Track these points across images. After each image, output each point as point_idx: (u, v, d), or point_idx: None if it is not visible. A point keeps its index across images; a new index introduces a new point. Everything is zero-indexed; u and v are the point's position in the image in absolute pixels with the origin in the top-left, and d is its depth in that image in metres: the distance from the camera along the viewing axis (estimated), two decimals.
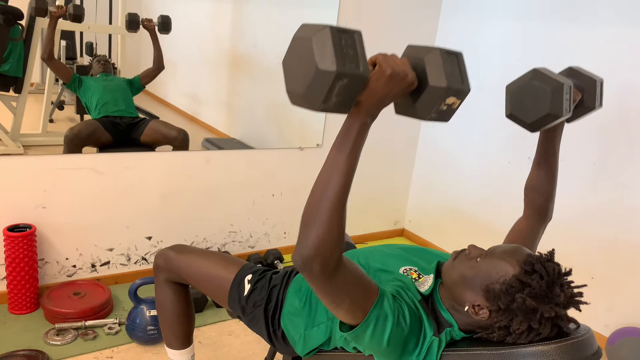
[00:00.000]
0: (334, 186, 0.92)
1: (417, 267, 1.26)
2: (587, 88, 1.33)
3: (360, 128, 0.93)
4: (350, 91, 0.84)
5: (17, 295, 2.21)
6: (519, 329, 1.04)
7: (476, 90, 3.01)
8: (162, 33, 2.60)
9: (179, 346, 1.64)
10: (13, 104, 2.38)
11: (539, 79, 1.21)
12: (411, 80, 0.91)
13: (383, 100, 0.91)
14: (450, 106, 0.94)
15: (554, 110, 1.19)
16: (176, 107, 2.92)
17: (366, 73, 0.84)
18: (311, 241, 0.92)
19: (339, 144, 0.94)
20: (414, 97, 0.93)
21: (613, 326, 2.38)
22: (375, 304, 1.04)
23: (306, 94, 0.83)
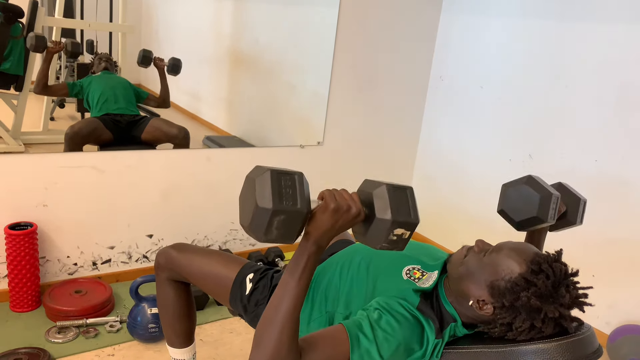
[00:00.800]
0: (285, 307, 0.98)
1: (420, 264, 1.26)
2: (572, 205, 1.48)
3: (308, 257, 0.98)
4: (290, 225, 0.92)
5: (19, 293, 2.21)
6: (522, 327, 1.04)
7: (477, 88, 3.01)
8: (170, 74, 2.68)
9: (181, 344, 1.64)
10: (14, 102, 2.38)
11: (533, 185, 1.36)
12: (355, 214, 0.96)
13: (329, 231, 0.96)
14: (400, 236, 0.99)
15: (540, 214, 1.33)
16: (177, 104, 2.92)
17: (303, 208, 0.92)
18: (265, 357, 0.97)
19: (290, 268, 1.00)
20: (365, 227, 1.00)
21: (614, 324, 2.38)
22: (352, 350, 1.03)
23: (250, 227, 0.92)
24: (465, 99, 3.08)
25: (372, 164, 3.25)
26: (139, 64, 2.59)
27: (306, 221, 0.96)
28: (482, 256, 1.12)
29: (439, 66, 3.23)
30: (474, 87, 3.02)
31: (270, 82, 3.01)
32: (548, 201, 1.33)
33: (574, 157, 2.52)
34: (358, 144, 3.16)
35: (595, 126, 2.43)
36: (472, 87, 3.03)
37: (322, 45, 2.90)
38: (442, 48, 3.20)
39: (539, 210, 1.33)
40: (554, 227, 1.51)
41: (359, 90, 3.04)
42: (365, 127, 3.16)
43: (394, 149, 3.33)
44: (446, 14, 3.16)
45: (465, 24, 3.06)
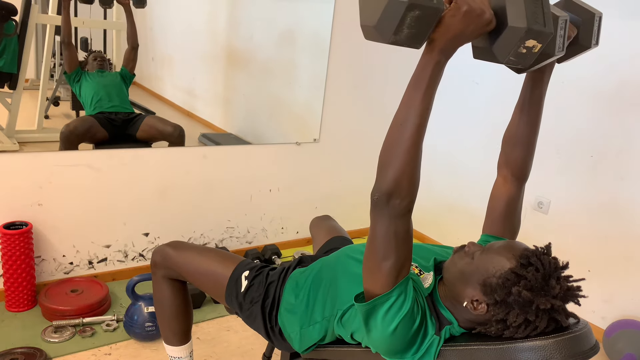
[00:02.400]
0: (411, 125, 0.94)
1: (417, 263, 1.26)
2: (584, 23, 1.19)
3: (435, 66, 0.92)
4: (422, 24, 0.83)
5: (14, 293, 2.20)
6: (516, 322, 1.04)
7: (474, 84, 3.00)
8: (137, 7, 2.52)
9: (178, 342, 1.64)
10: (8, 101, 2.37)
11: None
12: (488, 19, 0.88)
13: (458, 38, 0.89)
14: (530, 49, 0.90)
15: (545, 48, 1.05)
16: (172, 102, 2.90)
17: (440, 6, 0.83)
18: (391, 177, 0.95)
19: (414, 82, 0.94)
20: (492, 38, 0.91)
21: (610, 318, 2.39)
22: (403, 281, 1.05)
23: (378, 25, 0.83)
24: (461, 95, 3.08)
25: (368, 160, 3.24)
26: (101, 5, 2.44)
27: (436, 22, 0.86)
28: (473, 258, 1.12)
29: None
30: (469, 83, 3.01)
31: (266, 79, 3.00)
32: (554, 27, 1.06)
33: (570, 152, 2.53)
34: (354, 140, 3.16)
35: (591, 121, 2.44)
36: (468, 83, 3.02)
37: (318, 42, 2.89)
38: None
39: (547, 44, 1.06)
40: (564, 57, 1.25)
41: (355, 86, 3.04)
42: (361, 124, 3.16)
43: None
44: None
45: None
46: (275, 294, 1.40)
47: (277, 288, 1.41)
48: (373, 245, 1.04)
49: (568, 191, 2.55)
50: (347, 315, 1.22)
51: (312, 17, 2.89)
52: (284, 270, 1.46)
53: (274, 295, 1.40)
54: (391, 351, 1.10)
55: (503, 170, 1.37)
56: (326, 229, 1.85)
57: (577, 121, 2.50)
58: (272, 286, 1.41)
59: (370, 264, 1.06)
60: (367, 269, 1.07)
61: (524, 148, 1.32)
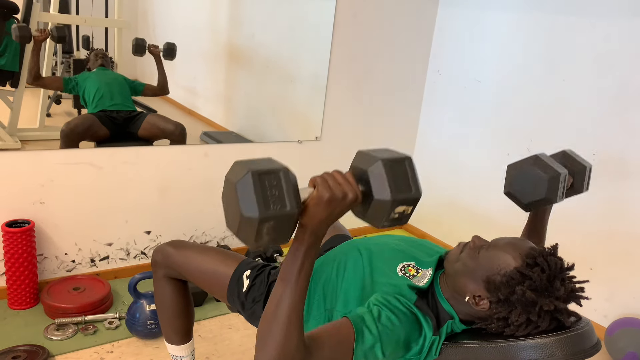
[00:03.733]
0: (287, 304, 0.93)
1: (415, 261, 1.26)
2: (578, 174, 1.46)
3: (307, 248, 0.92)
4: (281, 229, 0.85)
5: (17, 291, 2.21)
6: (518, 321, 1.04)
7: (475, 82, 3.00)
8: (166, 59, 2.64)
9: (179, 341, 1.64)
10: (10, 99, 2.37)
11: (540, 166, 1.32)
12: (352, 199, 0.89)
13: (325, 221, 0.90)
14: (402, 213, 0.93)
15: (549, 196, 1.31)
16: (174, 100, 2.90)
17: (294, 210, 0.84)
18: (271, 356, 0.92)
19: (289, 264, 0.93)
20: (364, 207, 0.93)
21: (612, 317, 2.39)
22: (356, 345, 1.02)
23: (239, 235, 0.85)
24: (463, 93, 3.08)
25: None
26: (134, 54, 2.56)
27: (298, 218, 0.89)
28: (478, 252, 1.12)
29: (436, 60, 3.22)
30: (472, 81, 3.01)
31: (268, 77, 3.00)
32: (557, 181, 1.30)
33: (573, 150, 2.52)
34: (356, 138, 3.15)
35: (594, 120, 2.43)
36: (470, 81, 3.02)
37: (319, 40, 2.89)
38: (440, 42, 3.19)
39: (548, 191, 1.31)
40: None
41: (356, 84, 3.03)
42: (363, 122, 3.15)
43: (392, 143, 3.32)
44: (444, 8, 3.14)
45: (462, 17, 3.05)
46: None
47: None
48: None
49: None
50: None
51: (314, 15, 2.89)
52: None
53: None
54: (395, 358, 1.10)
55: None
56: None
57: (579, 120, 2.49)
58: (273, 285, 1.41)
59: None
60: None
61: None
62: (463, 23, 3.04)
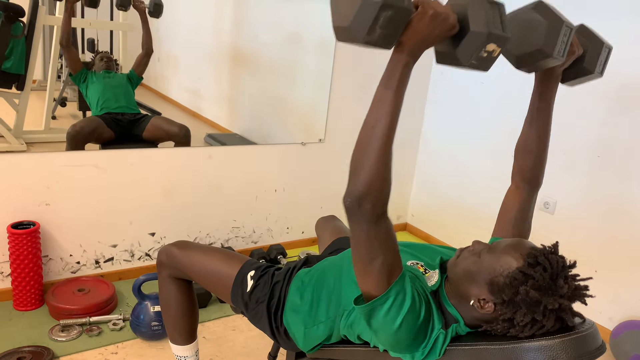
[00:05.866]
0: (382, 125, 0.96)
1: (422, 262, 1.26)
2: (592, 49, 1.22)
3: (404, 67, 0.95)
4: (394, 24, 0.87)
5: (22, 292, 2.22)
6: (523, 321, 1.04)
7: (478, 83, 3.00)
8: (152, 16, 2.56)
9: (183, 342, 1.64)
10: (16, 101, 2.38)
11: (540, 10, 1.12)
12: (453, 23, 0.92)
13: (425, 40, 0.93)
14: (490, 53, 0.95)
15: (545, 47, 1.09)
16: (178, 102, 2.91)
17: (410, 7, 0.87)
18: (363, 180, 0.95)
19: (384, 82, 0.97)
20: (455, 42, 0.95)
21: (617, 319, 2.38)
22: (399, 279, 1.04)
23: (352, 25, 0.86)
24: (466, 95, 3.07)
25: None
26: (118, 7, 2.49)
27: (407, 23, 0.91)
28: (479, 256, 1.12)
29: None
30: (475, 83, 3.01)
31: (271, 79, 3.01)
32: (557, 30, 1.09)
33: (576, 152, 2.52)
34: None
35: (598, 122, 2.43)
36: (473, 83, 3.02)
37: (323, 41, 2.89)
38: None
39: (545, 40, 1.09)
40: (568, 76, 1.26)
41: (360, 86, 3.04)
42: None
43: (396, 145, 3.30)
44: None
45: None
46: (281, 294, 1.40)
47: (283, 288, 1.41)
48: (357, 250, 1.04)
49: (574, 191, 2.54)
50: (353, 317, 1.22)
51: (318, 17, 2.90)
52: (289, 270, 1.46)
53: (279, 295, 1.40)
54: (401, 347, 1.09)
55: (516, 178, 1.38)
56: (332, 229, 1.85)
57: (583, 121, 2.49)
58: (277, 286, 1.41)
59: (360, 268, 1.05)
60: (358, 272, 1.06)
61: (535, 157, 1.33)
62: None
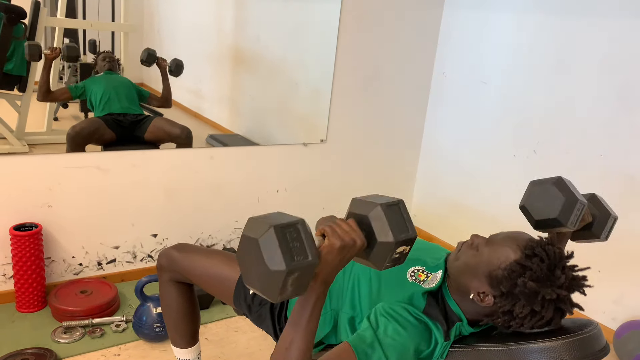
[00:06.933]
0: (295, 350, 0.95)
1: (424, 266, 1.26)
2: (600, 218, 1.44)
3: (317, 297, 0.95)
4: (304, 279, 0.88)
5: (25, 294, 2.22)
6: (522, 313, 1.04)
7: (481, 84, 2.99)
8: (172, 75, 2.67)
9: (185, 345, 1.64)
10: (17, 103, 2.39)
11: (560, 187, 1.31)
12: (360, 246, 0.96)
13: (336, 268, 0.95)
14: (401, 253, 0.99)
15: (561, 217, 1.28)
16: (180, 103, 2.91)
17: (315, 259, 0.88)
18: None
19: (299, 312, 0.96)
20: (367, 252, 0.98)
21: (620, 319, 2.37)
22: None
23: (263, 290, 0.87)
24: (469, 95, 3.07)
25: (375, 161, 3.24)
26: (143, 63, 2.59)
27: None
28: (477, 250, 1.13)
29: (441, 62, 3.22)
30: (477, 83, 3.00)
31: (273, 80, 3.01)
32: (572, 206, 1.28)
33: (579, 152, 2.51)
34: (361, 141, 3.15)
35: (600, 121, 2.42)
36: (475, 83, 3.01)
37: (325, 42, 2.89)
38: (445, 44, 3.19)
39: (561, 212, 1.28)
40: (576, 236, 1.47)
41: (362, 87, 3.03)
42: (368, 124, 3.15)
43: (398, 146, 3.32)
44: (448, 9, 3.14)
45: (467, 19, 3.04)
46: None
47: None
48: None
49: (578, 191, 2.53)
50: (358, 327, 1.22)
51: (319, 18, 2.89)
52: None
53: None
54: None
55: None
56: None
57: (586, 121, 2.48)
58: None
59: None
60: None
61: None
62: (468, 24, 3.04)
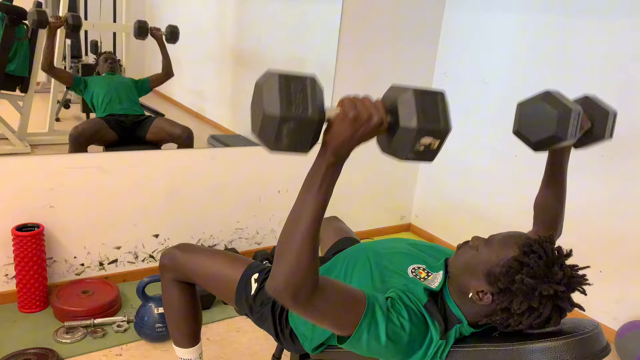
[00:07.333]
0: (303, 223, 0.95)
1: (425, 264, 1.26)
2: (599, 118, 1.36)
3: (327, 168, 0.94)
4: (300, 133, 0.86)
5: (27, 294, 2.23)
6: (520, 309, 1.04)
7: (482, 84, 2.99)
8: (169, 43, 2.63)
9: (187, 345, 1.64)
10: (20, 104, 2.39)
11: (549, 101, 1.23)
12: (377, 123, 0.90)
13: (348, 141, 0.91)
14: (427, 147, 0.92)
15: (558, 133, 1.21)
16: (181, 104, 2.92)
17: (315, 116, 0.86)
18: (282, 273, 0.96)
19: (307, 183, 0.97)
20: (390, 137, 0.93)
21: (622, 319, 2.37)
22: (365, 315, 1.04)
23: (260, 136, 0.88)
24: (470, 95, 3.07)
25: (377, 162, 3.24)
26: (136, 37, 2.54)
27: (320, 130, 0.90)
28: (477, 250, 1.14)
29: (443, 62, 3.22)
30: (479, 82, 3.00)
31: None
32: (567, 118, 1.20)
33: (580, 152, 2.50)
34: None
35: None
36: (477, 83, 3.01)
37: (326, 42, 2.89)
38: (446, 44, 3.19)
39: (558, 128, 1.21)
40: (579, 144, 1.40)
41: (363, 87, 3.03)
42: None
43: None
44: (450, 10, 3.14)
45: (469, 19, 3.04)
46: None
47: None
48: (317, 323, 1.05)
49: (578, 191, 2.53)
50: None
51: (320, 18, 2.90)
52: None
53: None
54: (394, 357, 1.10)
55: (535, 227, 1.46)
56: (334, 230, 1.85)
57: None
58: None
59: (327, 327, 1.06)
60: (328, 327, 1.07)
61: (553, 215, 1.42)
62: (469, 24, 3.04)
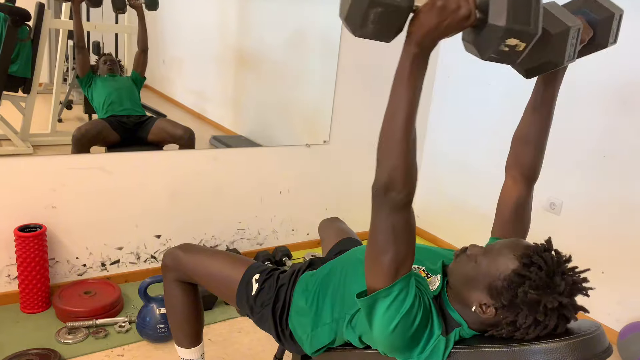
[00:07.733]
0: (399, 118, 0.97)
1: (424, 267, 1.25)
2: (602, 23, 1.17)
3: (413, 59, 0.94)
4: (386, 20, 0.86)
5: (29, 295, 2.23)
6: (526, 323, 1.03)
7: (483, 84, 2.99)
8: (149, 10, 2.54)
9: (189, 345, 1.65)
10: (22, 105, 2.40)
11: (545, 19, 1.04)
12: (464, 15, 0.87)
13: (433, 32, 0.89)
14: (512, 48, 0.88)
15: (554, 57, 1.06)
16: (183, 104, 2.92)
17: (403, 3, 0.85)
18: (386, 170, 0.99)
19: (396, 76, 0.98)
20: (475, 33, 0.91)
21: (624, 321, 2.36)
22: (405, 277, 1.05)
23: (347, 18, 0.88)
24: (472, 95, 3.06)
25: None
26: (114, 11, 2.50)
27: (406, 19, 0.88)
28: (475, 261, 1.11)
29: (445, 63, 3.21)
30: (482, 83, 3.00)
31: (276, 81, 3.01)
32: (564, 39, 1.03)
33: (582, 152, 2.50)
34: (364, 142, 3.14)
35: (603, 121, 2.41)
36: (480, 84, 3.01)
37: (328, 43, 2.89)
38: (448, 45, 3.18)
39: (552, 52, 1.05)
40: (579, 54, 1.19)
41: (364, 88, 3.03)
42: (371, 125, 3.13)
43: None
44: None
45: None
46: (286, 297, 1.40)
47: (288, 291, 1.41)
48: (373, 238, 1.05)
49: (580, 191, 2.52)
50: (356, 319, 1.22)
51: (321, 19, 2.90)
52: (294, 272, 1.46)
53: (284, 299, 1.40)
54: (393, 349, 1.10)
55: (512, 170, 1.35)
56: (335, 231, 1.85)
57: (589, 121, 2.47)
58: (282, 289, 1.41)
59: (371, 258, 1.07)
60: (368, 263, 1.08)
61: (534, 148, 1.30)
62: None
